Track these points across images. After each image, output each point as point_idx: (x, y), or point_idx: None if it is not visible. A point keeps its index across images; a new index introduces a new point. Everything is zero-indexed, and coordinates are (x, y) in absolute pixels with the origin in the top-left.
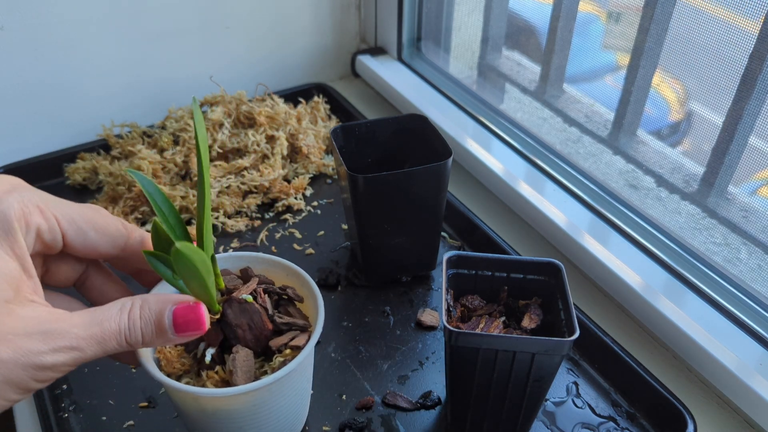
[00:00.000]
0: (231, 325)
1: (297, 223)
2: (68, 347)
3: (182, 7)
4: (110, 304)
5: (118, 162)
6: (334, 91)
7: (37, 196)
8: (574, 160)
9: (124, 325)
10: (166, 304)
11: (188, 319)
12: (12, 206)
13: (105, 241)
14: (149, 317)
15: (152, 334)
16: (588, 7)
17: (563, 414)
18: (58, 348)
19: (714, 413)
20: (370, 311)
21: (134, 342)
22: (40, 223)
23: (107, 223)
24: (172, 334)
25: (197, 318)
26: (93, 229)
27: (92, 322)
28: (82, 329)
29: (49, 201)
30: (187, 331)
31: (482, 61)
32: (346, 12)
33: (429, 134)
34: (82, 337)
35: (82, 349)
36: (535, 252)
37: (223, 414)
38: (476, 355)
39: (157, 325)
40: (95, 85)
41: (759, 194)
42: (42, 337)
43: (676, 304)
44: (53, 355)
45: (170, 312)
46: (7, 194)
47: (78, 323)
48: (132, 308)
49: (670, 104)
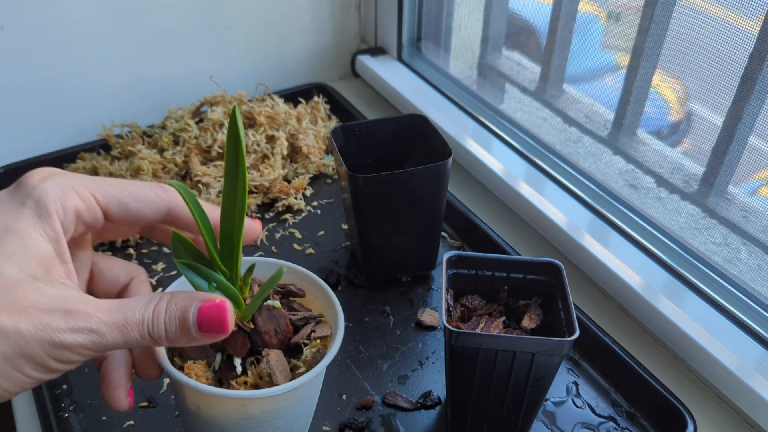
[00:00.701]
0: (260, 332)
1: (297, 223)
2: (88, 329)
3: (182, 7)
4: (141, 296)
5: (118, 162)
6: (334, 91)
7: (73, 179)
8: (574, 160)
9: (149, 316)
10: (193, 301)
11: (213, 318)
12: (46, 191)
13: (147, 208)
14: (174, 312)
15: (176, 330)
16: (588, 7)
17: (563, 414)
18: (77, 328)
19: (714, 413)
20: (370, 311)
21: (157, 336)
22: (77, 204)
23: (145, 190)
24: (196, 332)
25: (222, 319)
26: (133, 199)
27: (117, 309)
28: (105, 314)
29: (86, 181)
30: (211, 331)
31: (482, 61)
32: (346, 12)
33: (429, 134)
34: (103, 322)
35: (103, 334)
36: (535, 252)
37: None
38: (476, 355)
39: (182, 321)
40: (95, 85)
41: (759, 194)
42: (63, 314)
43: (676, 304)
44: (72, 334)
45: (195, 309)
46: (42, 181)
47: (103, 308)
48: (159, 302)
49: (670, 104)
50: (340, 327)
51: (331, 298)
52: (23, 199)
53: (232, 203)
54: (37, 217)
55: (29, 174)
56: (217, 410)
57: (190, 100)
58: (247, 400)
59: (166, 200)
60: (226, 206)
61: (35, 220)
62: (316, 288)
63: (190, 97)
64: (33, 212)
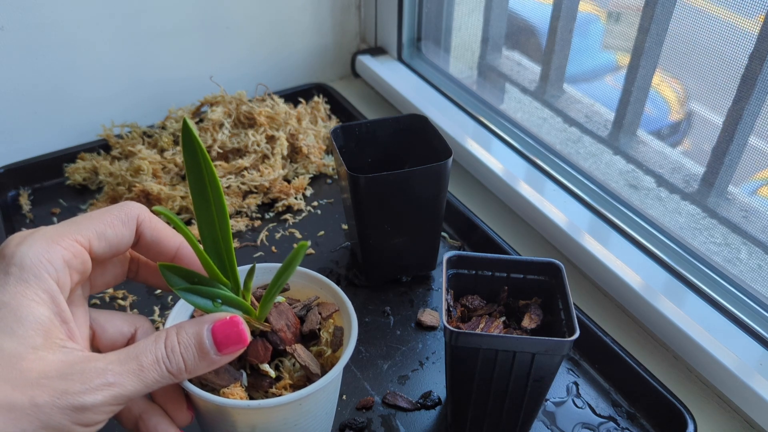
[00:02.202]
0: (276, 331)
1: (297, 223)
2: (105, 384)
3: (182, 7)
4: (147, 338)
5: (118, 162)
6: (334, 91)
7: (48, 233)
8: (574, 160)
9: (162, 354)
10: (203, 325)
11: (229, 334)
12: (27, 254)
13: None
14: (188, 341)
15: (195, 358)
16: (588, 7)
17: (563, 414)
18: (95, 386)
19: (714, 413)
20: (370, 311)
21: (176, 370)
22: (63, 254)
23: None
24: (216, 354)
25: (238, 331)
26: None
27: (128, 357)
28: (118, 365)
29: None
30: (230, 346)
31: (482, 61)
32: (346, 12)
33: (429, 134)
34: (118, 373)
35: (121, 385)
36: (535, 252)
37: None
38: (476, 355)
39: (199, 348)
40: (95, 86)
41: (759, 194)
42: (78, 377)
43: (676, 304)
44: (92, 394)
45: (209, 331)
46: (19, 245)
47: (113, 359)
48: (168, 337)
49: (670, 104)
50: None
51: (338, 293)
52: (5, 269)
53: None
54: (25, 282)
55: (3, 244)
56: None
57: (190, 100)
58: (303, 399)
59: (132, 215)
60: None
61: (23, 286)
62: (323, 287)
63: (190, 97)
64: (18, 280)
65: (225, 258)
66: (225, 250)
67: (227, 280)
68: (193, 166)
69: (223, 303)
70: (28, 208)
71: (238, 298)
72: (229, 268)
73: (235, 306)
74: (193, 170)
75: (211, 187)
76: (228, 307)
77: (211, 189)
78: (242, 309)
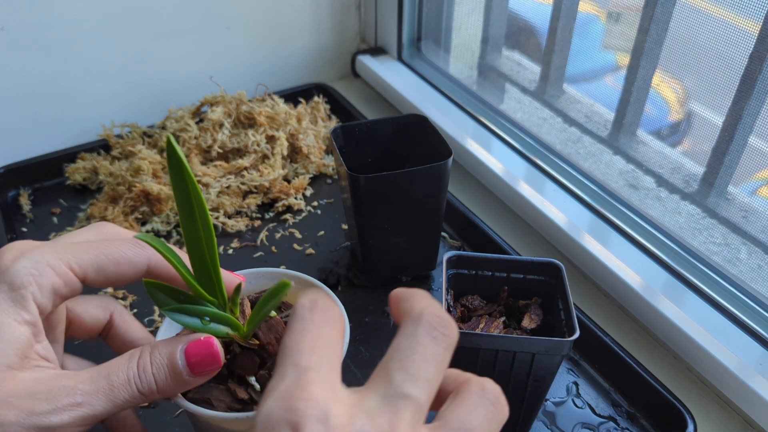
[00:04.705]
0: (263, 345)
1: (297, 223)
2: (72, 404)
3: (182, 7)
4: (119, 356)
5: (118, 162)
6: (334, 91)
7: (47, 253)
8: (574, 160)
9: (133, 373)
10: (177, 345)
11: (202, 355)
12: (19, 273)
13: (127, 269)
14: (161, 361)
15: (166, 379)
16: (588, 7)
17: (563, 414)
18: (62, 407)
19: (714, 413)
20: (370, 311)
21: (147, 391)
22: (54, 281)
23: (122, 250)
24: (188, 375)
25: (211, 352)
26: (111, 263)
27: (99, 375)
28: (88, 384)
29: (60, 253)
30: (204, 368)
31: (482, 61)
32: (346, 12)
33: (429, 134)
34: (87, 392)
35: (89, 404)
36: (535, 252)
37: None
38: (476, 355)
39: (171, 368)
40: (95, 85)
41: (759, 194)
42: (45, 395)
43: (676, 304)
44: (58, 414)
45: (182, 352)
46: (14, 261)
47: (84, 378)
48: (141, 356)
49: (670, 104)
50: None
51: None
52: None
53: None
54: (11, 302)
55: (2, 252)
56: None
57: (190, 100)
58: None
59: (145, 257)
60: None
61: (9, 305)
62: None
63: (190, 97)
64: (6, 297)
65: (212, 274)
66: (212, 266)
67: (214, 298)
68: (179, 184)
69: (211, 320)
70: (28, 208)
71: (225, 315)
72: (216, 285)
73: (223, 323)
74: (179, 188)
75: (196, 205)
76: (217, 325)
77: (197, 206)
78: (230, 325)
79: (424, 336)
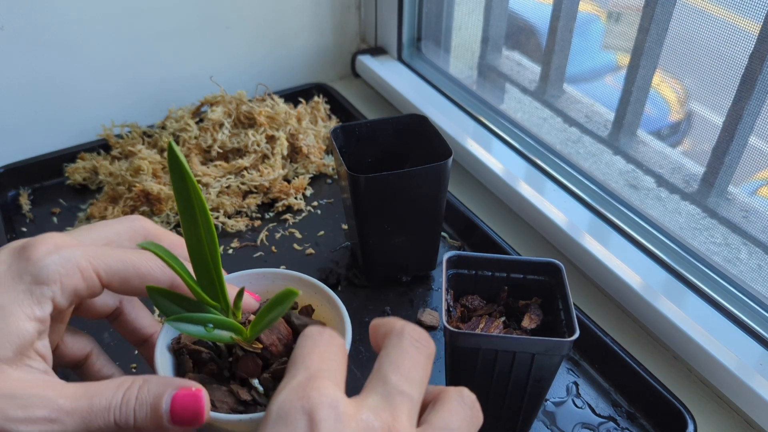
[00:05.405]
0: (266, 347)
1: (297, 223)
2: (45, 419)
3: (182, 7)
4: (111, 380)
5: (118, 162)
6: (334, 91)
7: (79, 255)
8: (574, 160)
9: (116, 403)
10: (167, 388)
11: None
12: (47, 267)
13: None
14: (146, 399)
15: (145, 417)
16: (588, 7)
17: (563, 414)
18: (35, 419)
19: (714, 413)
20: (370, 311)
21: (124, 423)
22: (77, 284)
23: (151, 266)
24: (167, 422)
25: (197, 409)
26: (137, 277)
27: (84, 394)
28: (69, 401)
29: (92, 257)
30: (184, 422)
31: (482, 61)
32: (346, 12)
33: (429, 134)
34: (65, 410)
35: (62, 422)
36: (535, 252)
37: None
38: (476, 356)
39: (153, 409)
40: (95, 85)
41: (759, 194)
42: (23, 401)
43: (676, 304)
44: (28, 425)
45: (169, 397)
46: (46, 255)
47: (68, 394)
48: (131, 387)
49: (670, 104)
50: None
51: (335, 301)
52: (22, 273)
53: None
54: (29, 294)
55: (37, 242)
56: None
57: (190, 100)
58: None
59: (169, 277)
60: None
61: (26, 297)
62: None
63: (190, 97)
64: (26, 289)
65: (215, 279)
66: (214, 269)
67: (217, 303)
68: (181, 189)
69: (215, 327)
70: (28, 208)
71: (229, 320)
72: (219, 290)
73: (227, 328)
74: (181, 193)
75: (199, 209)
76: (220, 331)
77: (199, 211)
78: (234, 330)
79: (409, 346)
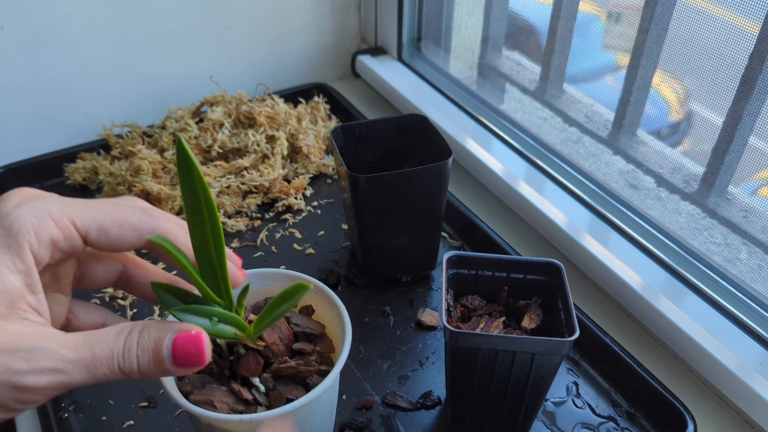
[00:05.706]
0: (268, 345)
1: (297, 223)
2: (52, 369)
3: (182, 7)
4: (110, 327)
5: (118, 162)
6: (334, 91)
7: (50, 204)
8: (574, 160)
9: (118, 350)
10: (167, 332)
11: (188, 350)
12: (18, 219)
13: (130, 234)
14: (147, 344)
15: (149, 363)
16: (588, 7)
17: (563, 414)
18: (40, 369)
19: (714, 413)
20: (370, 311)
21: (128, 370)
22: (53, 233)
23: (128, 214)
24: (170, 365)
25: (198, 350)
26: (115, 225)
27: (84, 343)
28: (71, 351)
29: (64, 206)
30: (186, 364)
31: (482, 61)
32: (346, 12)
33: (429, 134)
34: (69, 360)
35: (68, 372)
36: (535, 252)
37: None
38: (476, 355)
39: (155, 354)
40: (95, 85)
41: (759, 194)
42: (26, 354)
43: (676, 304)
44: (35, 376)
45: (170, 341)
46: (16, 208)
47: (69, 344)
48: (130, 334)
49: (670, 104)
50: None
51: (335, 301)
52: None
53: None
54: (6, 248)
55: (6, 196)
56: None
57: (190, 100)
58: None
59: (150, 226)
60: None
61: (4, 251)
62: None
63: (190, 97)
64: (2, 242)
65: (219, 276)
66: (219, 267)
67: (221, 299)
68: (189, 184)
69: (219, 321)
70: None
71: (233, 316)
72: (223, 287)
73: (231, 323)
74: (188, 189)
75: (206, 206)
76: (225, 325)
77: (206, 207)
78: (237, 326)
79: None
